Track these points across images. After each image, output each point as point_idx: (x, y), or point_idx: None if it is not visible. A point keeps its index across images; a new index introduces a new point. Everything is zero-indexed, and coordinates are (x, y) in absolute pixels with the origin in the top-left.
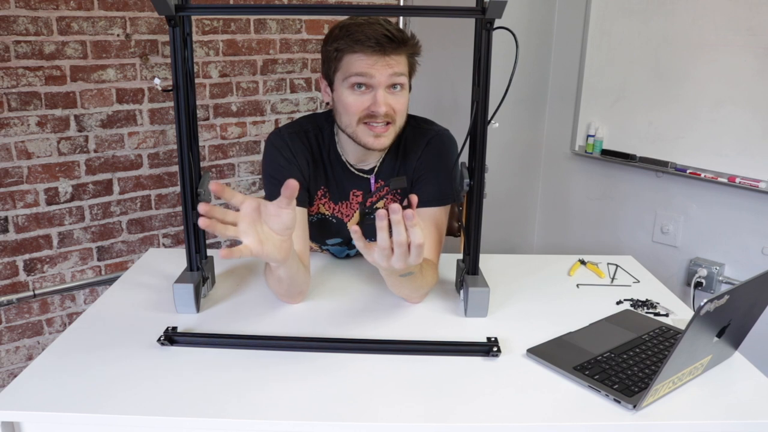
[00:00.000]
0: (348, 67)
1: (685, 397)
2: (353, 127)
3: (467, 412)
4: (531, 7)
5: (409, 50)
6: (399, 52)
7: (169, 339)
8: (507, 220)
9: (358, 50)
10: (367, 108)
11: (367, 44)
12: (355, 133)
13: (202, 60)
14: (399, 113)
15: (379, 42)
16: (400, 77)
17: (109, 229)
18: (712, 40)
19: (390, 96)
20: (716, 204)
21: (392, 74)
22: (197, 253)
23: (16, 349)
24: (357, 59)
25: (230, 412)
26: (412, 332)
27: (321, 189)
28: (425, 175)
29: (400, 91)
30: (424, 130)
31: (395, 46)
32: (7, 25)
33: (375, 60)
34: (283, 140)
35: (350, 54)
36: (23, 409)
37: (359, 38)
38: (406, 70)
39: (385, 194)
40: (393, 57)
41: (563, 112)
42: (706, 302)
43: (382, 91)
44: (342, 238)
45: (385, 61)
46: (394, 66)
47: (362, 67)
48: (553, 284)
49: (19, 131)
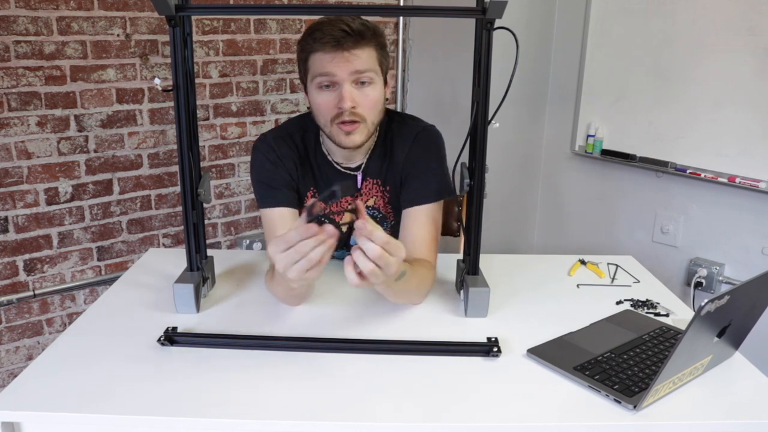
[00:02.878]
0: (313, 68)
1: (686, 397)
2: (329, 128)
3: (467, 412)
4: (531, 7)
5: (369, 43)
6: (359, 46)
7: (169, 339)
8: (507, 220)
9: (318, 49)
10: (335, 105)
11: (324, 41)
12: (330, 134)
13: (202, 60)
14: (367, 108)
15: (336, 38)
16: (365, 73)
17: (109, 229)
18: (712, 41)
19: (356, 91)
20: (716, 204)
21: (354, 71)
22: (197, 253)
23: (16, 349)
24: (318, 58)
25: (230, 413)
26: (412, 332)
27: (310, 190)
28: (413, 172)
29: (368, 86)
30: (410, 126)
31: (354, 40)
32: (7, 25)
33: (333, 56)
34: (268, 145)
35: (313, 54)
36: (23, 409)
37: (318, 36)
38: (372, 64)
39: (375, 193)
40: (353, 52)
41: (563, 112)
42: (707, 302)
43: (348, 86)
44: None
45: (344, 57)
46: (355, 61)
47: (323, 65)
48: (553, 284)
49: (19, 131)
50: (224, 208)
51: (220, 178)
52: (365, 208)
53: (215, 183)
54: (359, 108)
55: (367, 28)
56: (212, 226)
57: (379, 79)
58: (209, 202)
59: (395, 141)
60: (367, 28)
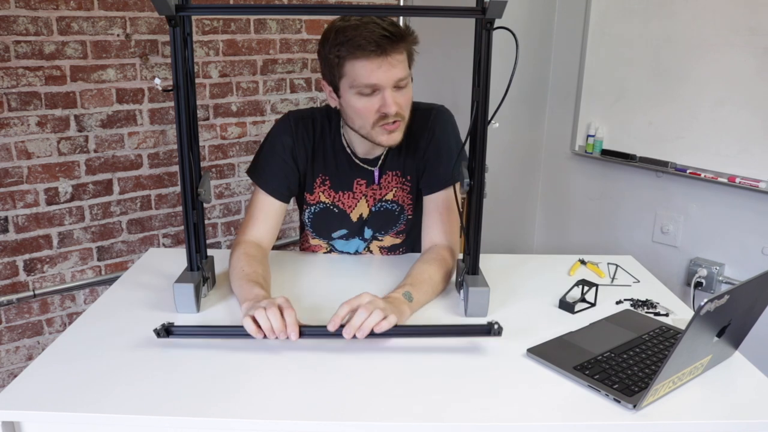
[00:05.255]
0: (353, 75)
1: (685, 397)
2: (367, 130)
3: (467, 411)
4: (531, 7)
5: (405, 44)
6: (398, 49)
7: (166, 330)
8: (507, 220)
9: (360, 56)
10: (377, 110)
11: (368, 48)
12: (369, 135)
13: (202, 60)
14: (406, 107)
15: (380, 44)
16: (405, 79)
17: (109, 229)
18: (712, 40)
19: (397, 94)
20: (716, 204)
21: (397, 78)
22: (197, 253)
23: (16, 349)
24: (361, 66)
25: (230, 412)
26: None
27: (320, 176)
28: (434, 158)
29: (405, 87)
30: (421, 112)
31: (395, 44)
32: (7, 25)
33: (378, 64)
34: (288, 124)
35: (352, 60)
36: (23, 409)
37: (359, 43)
38: (407, 64)
39: (394, 185)
40: (394, 56)
41: (563, 112)
42: (706, 302)
43: (390, 91)
44: (347, 229)
45: (388, 63)
46: (397, 65)
47: (368, 74)
48: (553, 284)
49: (19, 131)
50: (224, 208)
51: (220, 178)
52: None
53: (215, 183)
54: (401, 109)
55: (401, 29)
56: (212, 226)
57: (410, 77)
58: (209, 202)
59: (412, 129)
60: (401, 29)
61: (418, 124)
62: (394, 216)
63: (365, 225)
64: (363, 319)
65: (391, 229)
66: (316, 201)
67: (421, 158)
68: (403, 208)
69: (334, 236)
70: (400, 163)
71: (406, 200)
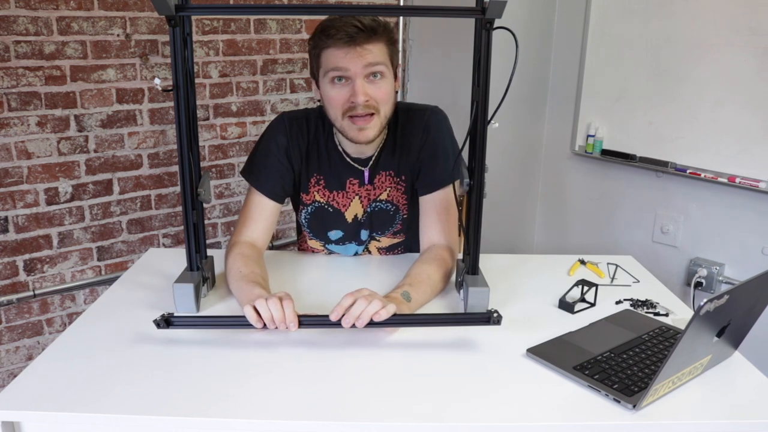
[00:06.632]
0: (326, 63)
1: (685, 397)
2: (340, 122)
3: (467, 411)
4: (531, 7)
5: (380, 39)
6: (371, 41)
7: (166, 321)
8: (507, 220)
9: (331, 44)
10: (347, 99)
11: (337, 37)
12: (342, 128)
13: (202, 60)
14: (381, 101)
15: (349, 33)
16: (377, 66)
17: (109, 229)
18: (712, 40)
19: (369, 85)
20: (716, 204)
21: (367, 64)
22: (197, 253)
23: (16, 349)
24: (331, 53)
25: (229, 411)
26: (412, 332)
27: (314, 176)
28: (429, 158)
29: (380, 80)
30: (416, 113)
31: (366, 35)
32: (7, 25)
33: (346, 51)
34: (282, 124)
35: (326, 50)
36: (23, 409)
37: (331, 33)
38: (383, 58)
39: (388, 185)
40: (365, 47)
41: (563, 112)
42: (706, 302)
43: (360, 80)
44: (343, 230)
45: (357, 52)
46: (368, 55)
47: (336, 59)
48: (553, 284)
49: (19, 131)
50: (224, 208)
51: (220, 178)
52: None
53: (215, 183)
54: (372, 100)
55: (378, 23)
56: (212, 226)
57: (389, 73)
58: (209, 202)
59: (406, 129)
60: (378, 23)
61: (412, 124)
62: (389, 216)
63: (361, 227)
64: (362, 308)
65: (387, 230)
66: (312, 201)
67: (415, 158)
68: (398, 208)
69: (331, 238)
70: (394, 164)
71: (400, 200)
